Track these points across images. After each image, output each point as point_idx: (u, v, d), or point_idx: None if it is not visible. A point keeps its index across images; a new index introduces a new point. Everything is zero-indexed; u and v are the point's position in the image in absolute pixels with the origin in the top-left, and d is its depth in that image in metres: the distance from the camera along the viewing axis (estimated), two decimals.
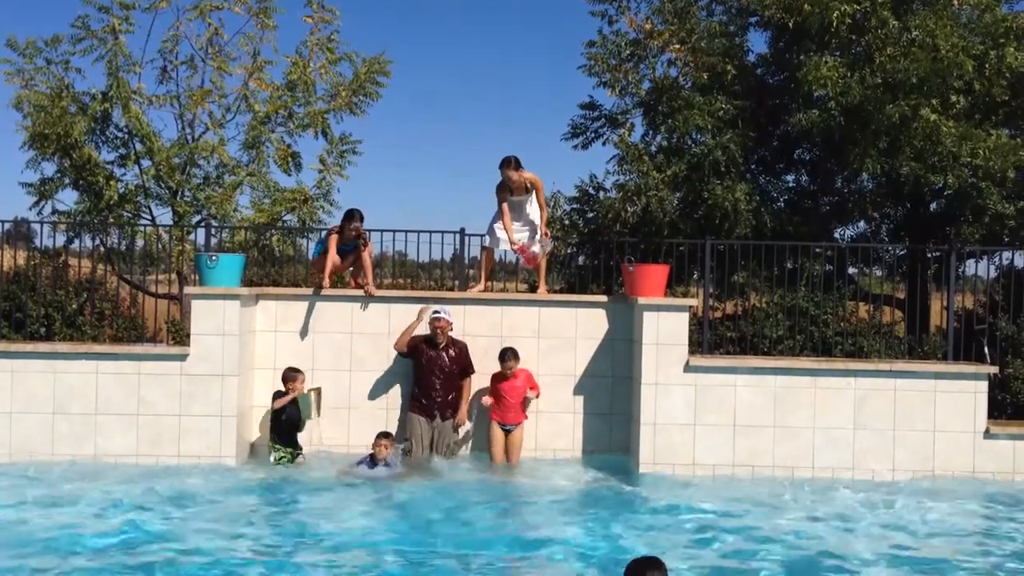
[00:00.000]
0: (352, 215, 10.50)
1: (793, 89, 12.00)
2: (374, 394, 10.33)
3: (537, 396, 10.11)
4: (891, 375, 9.92)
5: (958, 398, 9.91)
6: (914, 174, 11.24)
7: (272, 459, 9.79)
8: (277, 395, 9.86)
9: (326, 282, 10.37)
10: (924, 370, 10.02)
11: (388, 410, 10.33)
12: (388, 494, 8.88)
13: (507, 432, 10.04)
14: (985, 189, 11.23)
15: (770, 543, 7.61)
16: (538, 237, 10.64)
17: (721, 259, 11.46)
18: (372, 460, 9.50)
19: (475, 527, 7.97)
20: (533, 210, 10.74)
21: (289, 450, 9.84)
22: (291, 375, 9.87)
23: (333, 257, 10.44)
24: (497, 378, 10.05)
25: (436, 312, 10.00)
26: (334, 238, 10.47)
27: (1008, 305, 11.08)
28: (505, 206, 10.62)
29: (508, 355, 9.94)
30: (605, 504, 8.75)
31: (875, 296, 12.69)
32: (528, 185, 10.65)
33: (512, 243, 10.61)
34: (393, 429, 10.18)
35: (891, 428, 9.87)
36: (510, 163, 10.53)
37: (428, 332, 10.02)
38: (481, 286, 10.89)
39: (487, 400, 10.05)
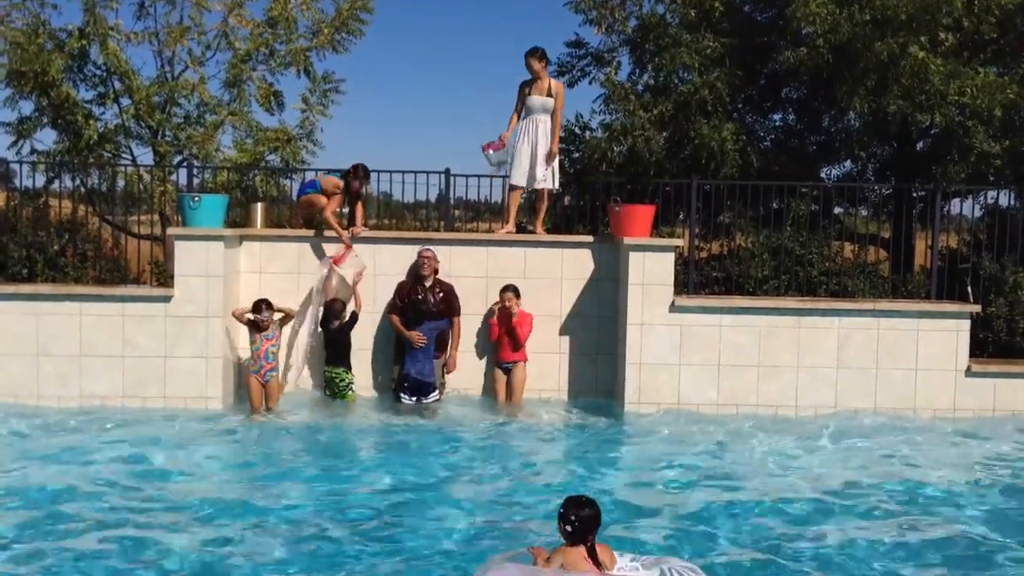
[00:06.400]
0: (358, 172, 10.22)
1: (781, 26, 11.89)
2: (361, 334, 10.31)
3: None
4: (875, 314, 9.97)
5: (940, 337, 9.98)
6: (901, 113, 11.20)
7: (347, 392, 9.83)
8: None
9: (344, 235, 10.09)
10: (907, 309, 10.08)
11: (374, 350, 10.33)
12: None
13: (506, 371, 10.03)
14: (972, 128, 11.21)
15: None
16: (542, 167, 10.20)
17: (707, 199, 11.45)
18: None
19: None
20: (544, 130, 10.26)
21: (351, 374, 9.87)
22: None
23: (336, 220, 10.14)
24: (498, 314, 10.02)
25: (427, 247, 9.93)
26: (338, 199, 10.16)
27: (992, 244, 11.13)
28: (514, 119, 10.26)
29: (502, 291, 9.90)
30: (588, 439, 8.92)
31: (860, 236, 12.73)
32: (551, 90, 10.23)
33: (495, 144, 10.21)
34: (382, 371, 10.23)
35: (874, 367, 9.96)
36: (535, 52, 10.14)
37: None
38: (510, 227, 10.53)
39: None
